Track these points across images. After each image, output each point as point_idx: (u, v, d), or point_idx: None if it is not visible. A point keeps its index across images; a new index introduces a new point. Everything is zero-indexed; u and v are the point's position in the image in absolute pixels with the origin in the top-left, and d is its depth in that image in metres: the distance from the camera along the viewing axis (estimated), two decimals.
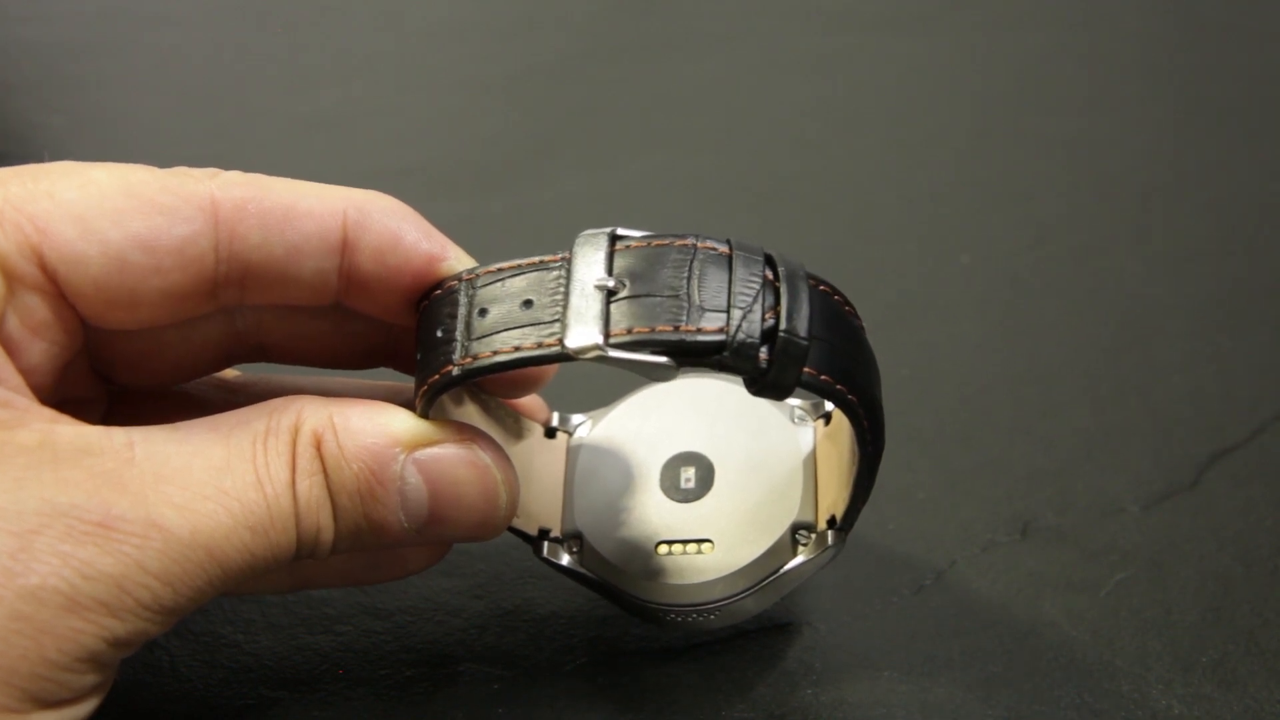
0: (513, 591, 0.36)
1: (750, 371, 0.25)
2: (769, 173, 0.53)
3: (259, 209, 0.27)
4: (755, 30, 0.62)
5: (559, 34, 0.62)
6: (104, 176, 0.26)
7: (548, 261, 0.27)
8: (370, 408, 0.27)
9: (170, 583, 0.24)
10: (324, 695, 0.33)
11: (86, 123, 0.57)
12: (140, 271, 0.26)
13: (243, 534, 0.25)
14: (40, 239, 0.25)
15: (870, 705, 0.32)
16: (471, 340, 0.26)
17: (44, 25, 0.63)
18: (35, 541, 0.23)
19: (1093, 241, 0.49)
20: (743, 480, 0.33)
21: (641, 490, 0.33)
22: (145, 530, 0.24)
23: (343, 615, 0.35)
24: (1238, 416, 0.40)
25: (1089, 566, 0.36)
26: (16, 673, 0.23)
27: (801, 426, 0.33)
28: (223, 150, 0.55)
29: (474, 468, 0.28)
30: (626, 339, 0.25)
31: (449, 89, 0.59)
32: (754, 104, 0.57)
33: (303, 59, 0.61)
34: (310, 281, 0.28)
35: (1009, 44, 0.61)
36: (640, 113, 0.57)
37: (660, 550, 0.32)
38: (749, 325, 0.25)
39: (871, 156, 0.54)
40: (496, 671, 0.33)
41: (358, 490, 0.27)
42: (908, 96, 0.57)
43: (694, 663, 0.34)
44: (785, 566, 0.31)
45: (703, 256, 0.26)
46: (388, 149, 0.55)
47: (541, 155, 0.54)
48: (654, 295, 0.25)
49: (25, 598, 0.23)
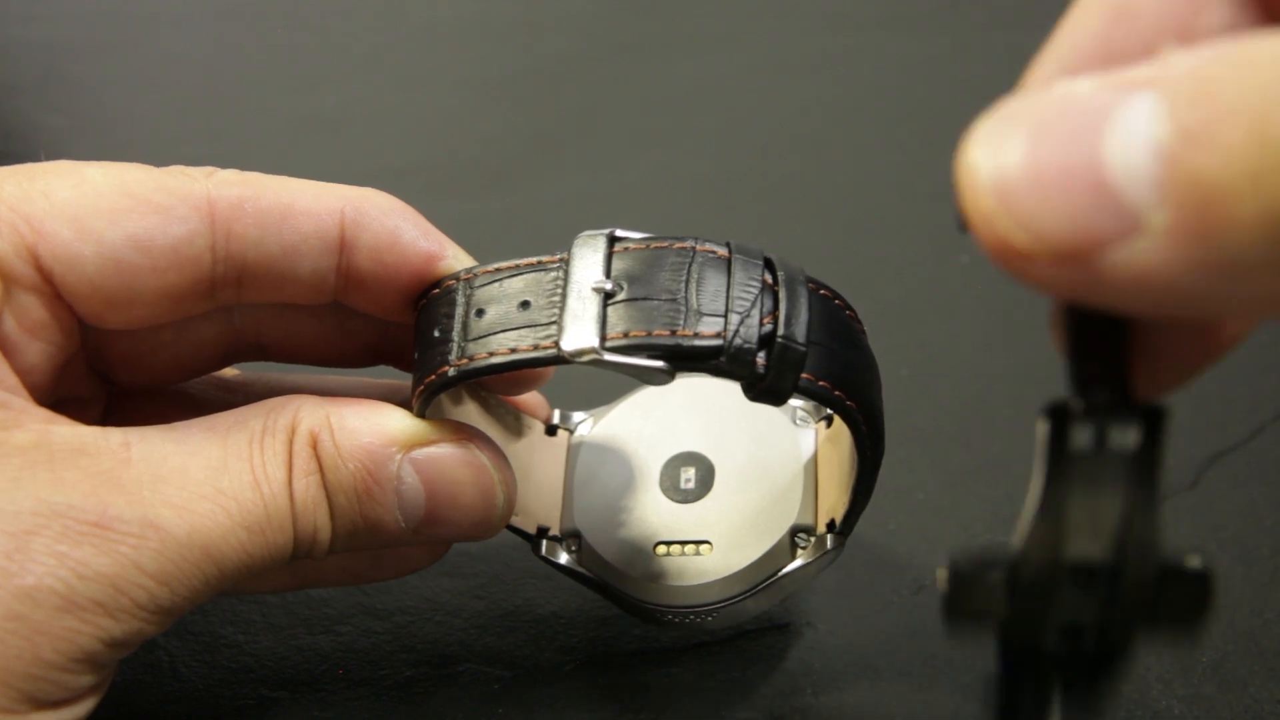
0: (513, 591, 0.36)
1: (747, 377, 0.25)
2: (769, 173, 0.53)
3: (256, 208, 0.27)
4: (755, 30, 0.62)
5: (559, 34, 0.62)
6: (100, 176, 0.26)
7: (546, 263, 0.27)
8: (367, 407, 0.27)
9: (167, 583, 0.24)
10: (324, 695, 0.33)
11: (86, 123, 0.57)
12: (136, 271, 0.26)
13: (240, 534, 0.25)
14: (36, 239, 0.25)
15: (870, 706, 0.32)
16: (468, 341, 0.26)
17: (44, 25, 0.63)
18: (31, 542, 0.23)
19: None
20: (743, 482, 0.32)
21: (641, 490, 0.33)
22: (142, 530, 0.24)
23: (343, 615, 0.35)
24: (1236, 417, 0.40)
25: None
26: (12, 673, 0.23)
27: (803, 429, 0.33)
28: (222, 150, 0.55)
29: (471, 467, 0.28)
30: (623, 343, 0.25)
31: (449, 89, 0.59)
32: (754, 104, 0.57)
33: (303, 59, 0.61)
34: (308, 280, 0.28)
35: (1009, 44, 0.60)
36: (640, 113, 0.57)
37: (659, 551, 0.32)
38: (746, 330, 0.25)
39: (871, 156, 0.54)
40: (496, 671, 0.33)
41: (354, 490, 0.27)
42: (908, 96, 0.57)
43: (694, 663, 0.33)
44: (784, 569, 0.31)
45: (701, 259, 0.26)
46: (388, 149, 0.55)
47: (541, 155, 0.54)
48: (651, 299, 0.25)
49: (21, 598, 0.23)
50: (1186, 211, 0.15)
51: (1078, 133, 0.16)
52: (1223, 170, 0.15)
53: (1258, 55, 0.15)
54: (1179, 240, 0.15)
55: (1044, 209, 0.16)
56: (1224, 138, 0.15)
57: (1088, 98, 0.16)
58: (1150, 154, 0.15)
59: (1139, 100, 0.16)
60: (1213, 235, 0.15)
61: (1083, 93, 0.16)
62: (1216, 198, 0.15)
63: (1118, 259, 0.16)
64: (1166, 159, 0.15)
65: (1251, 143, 0.15)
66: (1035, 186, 0.16)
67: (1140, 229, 0.15)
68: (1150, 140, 0.15)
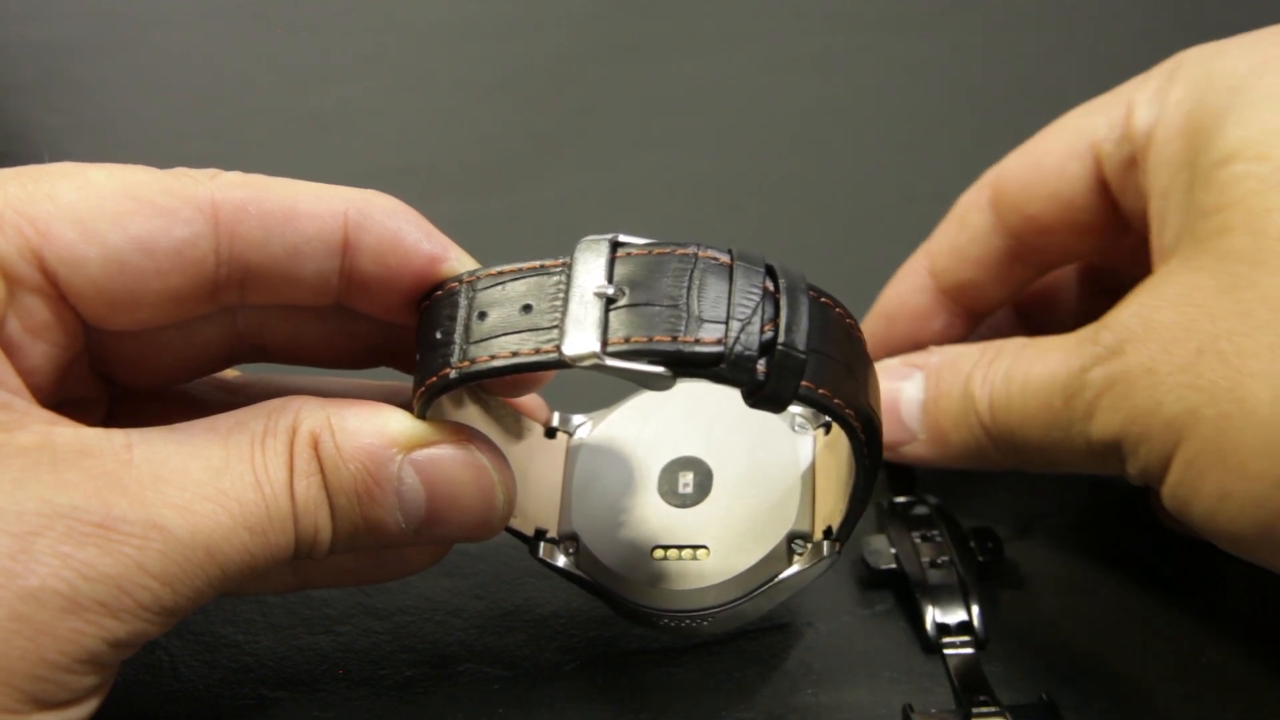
0: (513, 592, 0.36)
1: (748, 384, 0.25)
2: (769, 173, 0.53)
3: (259, 210, 0.27)
4: (755, 30, 0.62)
5: (559, 34, 0.62)
6: (104, 178, 0.26)
7: (548, 266, 0.27)
8: (367, 408, 0.27)
9: (170, 583, 0.24)
10: (324, 695, 0.33)
11: (86, 123, 0.57)
12: (140, 273, 0.26)
13: (242, 534, 0.25)
14: (40, 241, 0.25)
15: (870, 706, 0.32)
16: (470, 343, 0.26)
17: (44, 25, 0.63)
18: (35, 543, 0.23)
19: None
20: (740, 487, 0.33)
21: (639, 494, 0.33)
22: (145, 531, 0.24)
23: (343, 615, 0.35)
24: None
25: (1089, 566, 0.36)
26: (16, 674, 0.23)
27: (801, 435, 0.33)
28: (223, 150, 0.55)
29: (471, 468, 0.28)
30: (624, 348, 0.25)
31: (449, 89, 0.59)
32: (754, 104, 0.57)
33: (303, 59, 0.61)
34: (311, 282, 0.28)
35: (1009, 44, 0.61)
36: (640, 113, 0.57)
37: (656, 555, 0.32)
38: (747, 337, 0.25)
39: (871, 156, 0.54)
40: (496, 671, 0.33)
41: (355, 491, 0.27)
42: (908, 96, 0.57)
43: (694, 663, 0.34)
44: (780, 575, 0.31)
45: (703, 266, 0.26)
46: (388, 149, 0.55)
47: (541, 155, 0.54)
48: (653, 304, 0.25)
49: (25, 599, 0.23)
50: (932, 434, 0.35)
51: (891, 393, 0.35)
52: (941, 417, 0.34)
53: (959, 359, 0.34)
54: (930, 446, 0.35)
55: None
56: (945, 403, 0.34)
57: (895, 371, 0.36)
58: (918, 405, 0.35)
59: (915, 377, 0.35)
60: (942, 446, 0.35)
61: (893, 366, 0.36)
62: (944, 430, 0.34)
63: (906, 450, 0.36)
64: (924, 409, 0.35)
65: (957, 406, 0.34)
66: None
67: (915, 439, 0.35)
68: (918, 400, 0.35)
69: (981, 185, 0.37)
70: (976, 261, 0.37)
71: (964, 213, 0.37)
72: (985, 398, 0.33)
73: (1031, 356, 0.32)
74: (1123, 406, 0.29)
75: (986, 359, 0.33)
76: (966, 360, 0.34)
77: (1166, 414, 0.28)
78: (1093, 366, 0.30)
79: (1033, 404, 0.32)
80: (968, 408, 0.33)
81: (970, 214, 0.37)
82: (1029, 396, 0.32)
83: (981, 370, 0.33)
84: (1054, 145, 0.35)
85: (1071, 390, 0.31)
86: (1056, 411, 0.31)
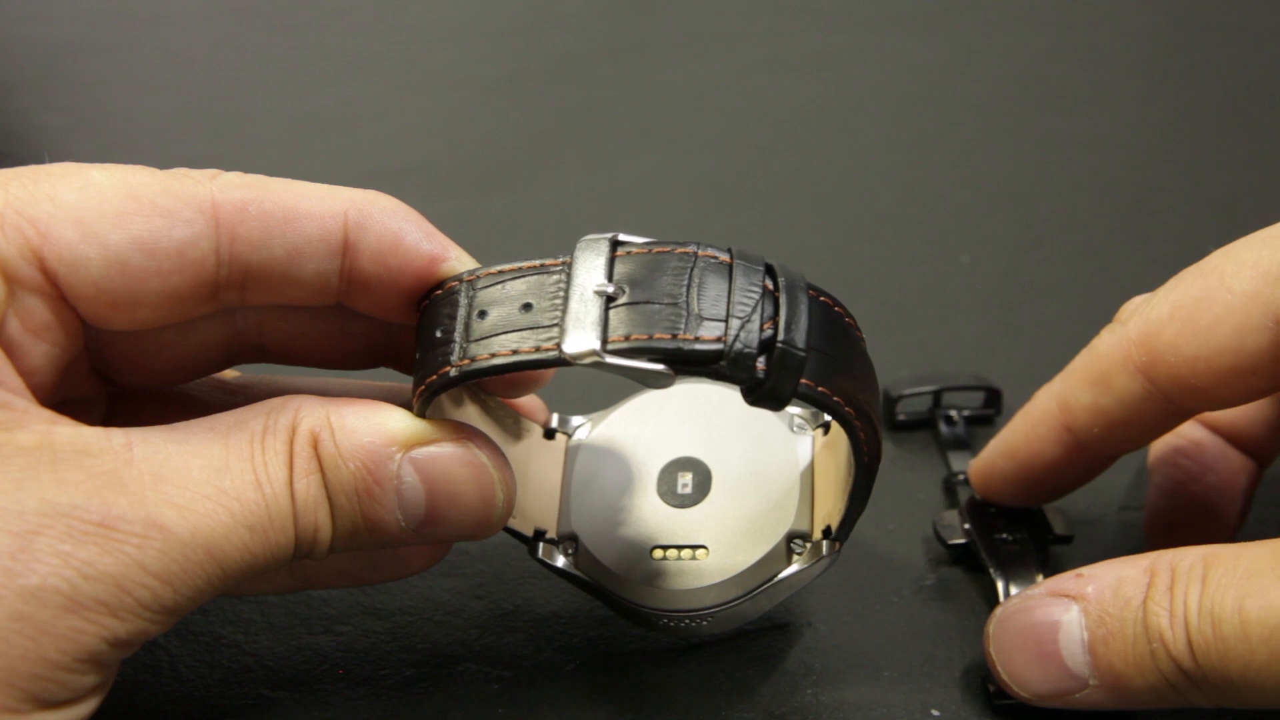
0: (513, 592, 0.36)
1: (747, 381, 0.25)
2: (769, 173, 0.53)
3: (260, 210, 0.27)
4: (755, 30, 0.62)
5: (559, 34, 0.62)
6: (104, 178, 0.26)
7: (548, 265, 0.27)
8: (367, 407, 0.27)
9: (170, 582, 0.24)
10: (324, 695, 0.33)
11: (86, 123, 0.57)
12: (141, 274, 0.26)
13: (242, 533, 0.25)
14: (41, 242, 0.26)
15: (870, 706, 0.32)
16: (470, 342, 0.26)
17: (44, 25, 0.63)
18: (35, 542, 0.23)
19: (1093, 241, 0.49)
20: (739, 488, 0.33)
21: (638, 494, 0.33)
22: (145, 530, 0.24)
23: (343, 615, 0.35)
24: None
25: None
26: (17, 673, 0.23)
27: (800, 435, 0.33)
28: (223, 150, 0.55)
29: (471, 467, 0.28)
30: (624, 346, 0.25)
31: (449, 89, 0.59)
32: (754, 104, 0.57)
33: (303, 59, 0.61)
34: (311, 282, 0.28)
35: (1009, 44, 0.61)
36: (640, 113, 0.57)
37: (655, 555, 0.32)
38: (747, 335, 0.25)
39: (871, 156, 0.54)
40: (496, 671, 0.33)
41: (355, 489, 0.27)
42: (908, 96, 0.57)
43: (694, 663, 0.34)
44: (779, 575, 0.31)
45: (703, 264, 0.26)
46: (388, 149, 0.55)
47: (541, 155, 0.54)
48: (653, 302, 0.25)
49: (25, 598, 0.23)
50: (1107, 679, 0.29)
51: (1047, 631, 0.30)
52: (1115, 660, 0.29)
53: (1122, 586, 0.29)
54: (1107, 692, 0.30)
55: (1038, 684, 0.30)
56: (1117, 644, 0.29)
57: (1044, 602, 0.31)
58: (1082, 647, 0.30)
59: (1071, 611, 0.30)
60: (1122, 691, 0.29)
61: (1039, 597, 0.31)
62: (1122, 674, 0.29)
63: (1077, 699, 0.30)
64: (1092, 651, 0.29)
65: (1138, 648, 0.29)
66: (1036, 677, 0.30)
67: (1086, 685, 0.30)
68: (1081, 640, 0.30)
69: (1126, 343, 0.32)
70: (1125, 424, 0.32)
71: (1107, 374, 0.32)
72: (1180, 639, 0.28)
73: (1231, 585, 0.28)
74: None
75: (1162, 586, 0.29)
76: (1133, 587, 0.29)
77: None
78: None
79: (1260, 648, 0.27)
80: (1156, 650, 0.28)
81: (1117, 378, 0.32)
82: (1253, 638, 0.27)
83: (1163, 604, 0.28)
84: (1225, 314, 0.30)
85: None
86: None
